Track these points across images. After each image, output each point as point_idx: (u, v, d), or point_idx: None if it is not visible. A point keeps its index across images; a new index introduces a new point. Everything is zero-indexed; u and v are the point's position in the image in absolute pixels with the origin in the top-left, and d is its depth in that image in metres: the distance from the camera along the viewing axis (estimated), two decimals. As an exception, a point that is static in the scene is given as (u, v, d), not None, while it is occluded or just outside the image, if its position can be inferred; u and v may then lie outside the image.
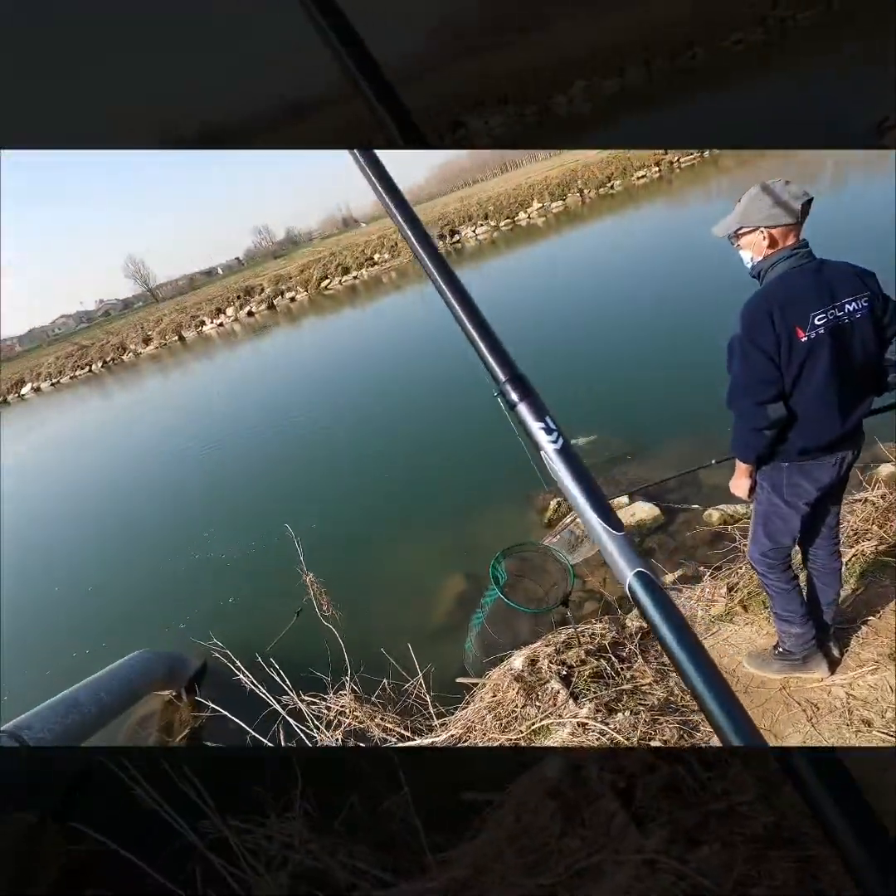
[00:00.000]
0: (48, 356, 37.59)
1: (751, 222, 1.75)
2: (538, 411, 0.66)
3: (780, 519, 1.93)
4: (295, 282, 30.80)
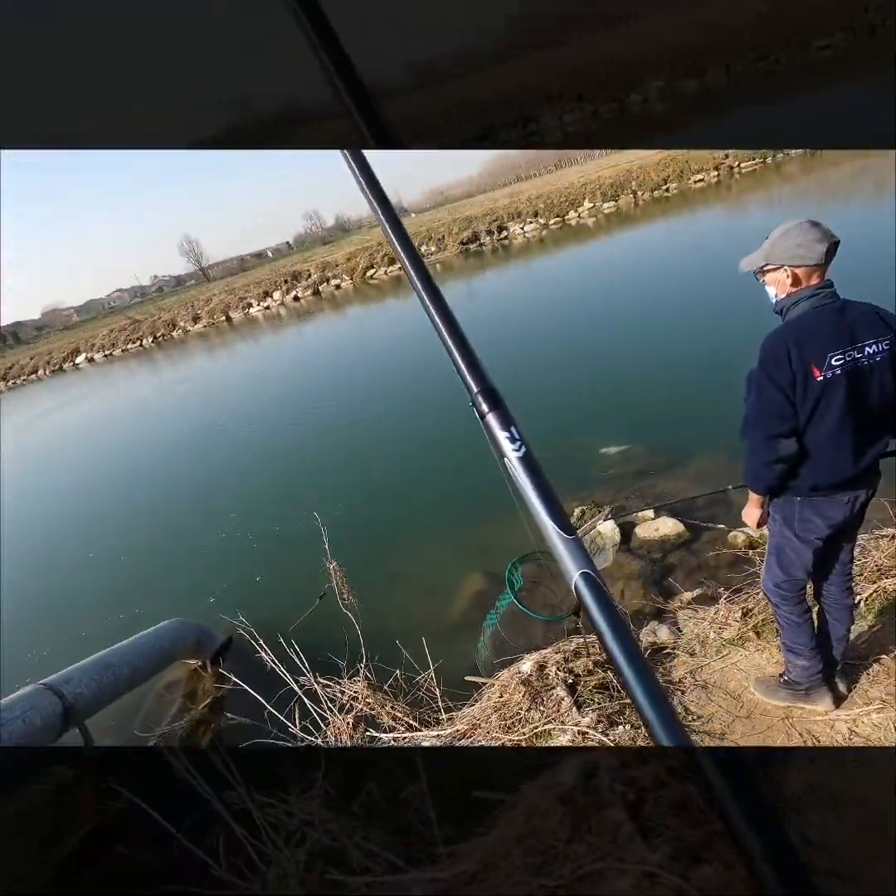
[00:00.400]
0: (103, 328, 39.13)
1: (776, 260, 1.77)
2: (504, 421, 0.71)
3: (793, 552, 1.96)
4: (341, 269, 31.19)
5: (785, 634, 2.16)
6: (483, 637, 3.48)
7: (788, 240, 1.75)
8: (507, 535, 5.05)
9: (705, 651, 2.78)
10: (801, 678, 2.16)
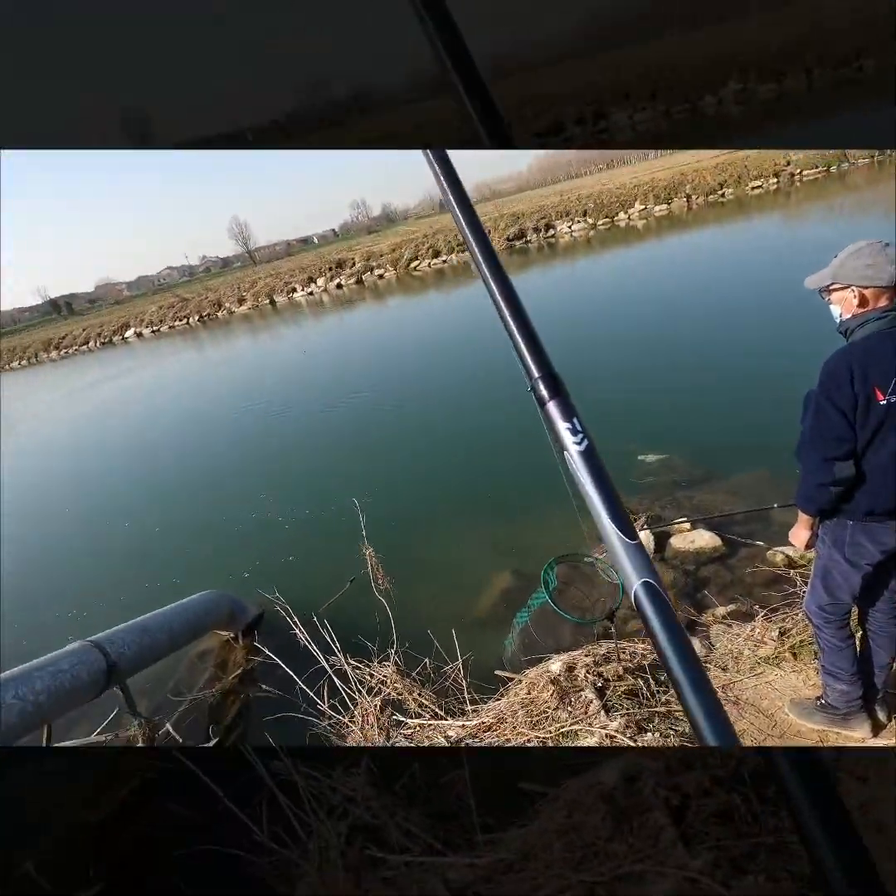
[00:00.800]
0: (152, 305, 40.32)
1: (843, 279, 1.75)
2: (567, 411, 0.65)
3: (840, 575, 1.93)
4: (385, 259, 31.39)
5: (825, 658, 2.13)
6: (512, 634, 3.51)
7: (858, 259, 1.72)
8: (542, 534, 5.06)
9: (738, 667, 2.76)
10: (839, 703, 2.13)
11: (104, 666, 3.31)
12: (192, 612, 4.33)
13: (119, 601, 5.56)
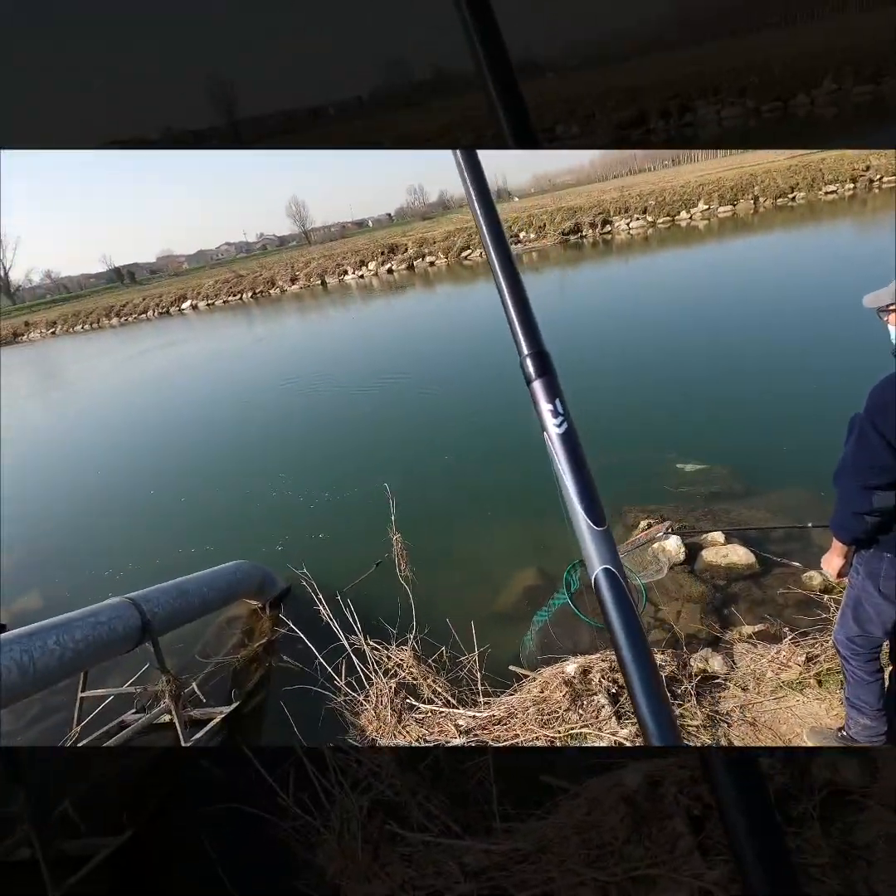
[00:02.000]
0: (209, 279, 41.43)
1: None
2: (551, 391, 0.65)
3: (872, 608, 1.86)
4: (437, 247, 31.34)
5: (850, 690, 2.06)
6: (531, 631, 3.52)
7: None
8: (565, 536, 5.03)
9: (759, 689, 2.70)
10: (860, 737, 2.06)
11: (139, 622, 3.48)
12: (224, 580, 4.49)
13: (154, 564, 5.81)
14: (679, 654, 3.09)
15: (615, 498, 5.39)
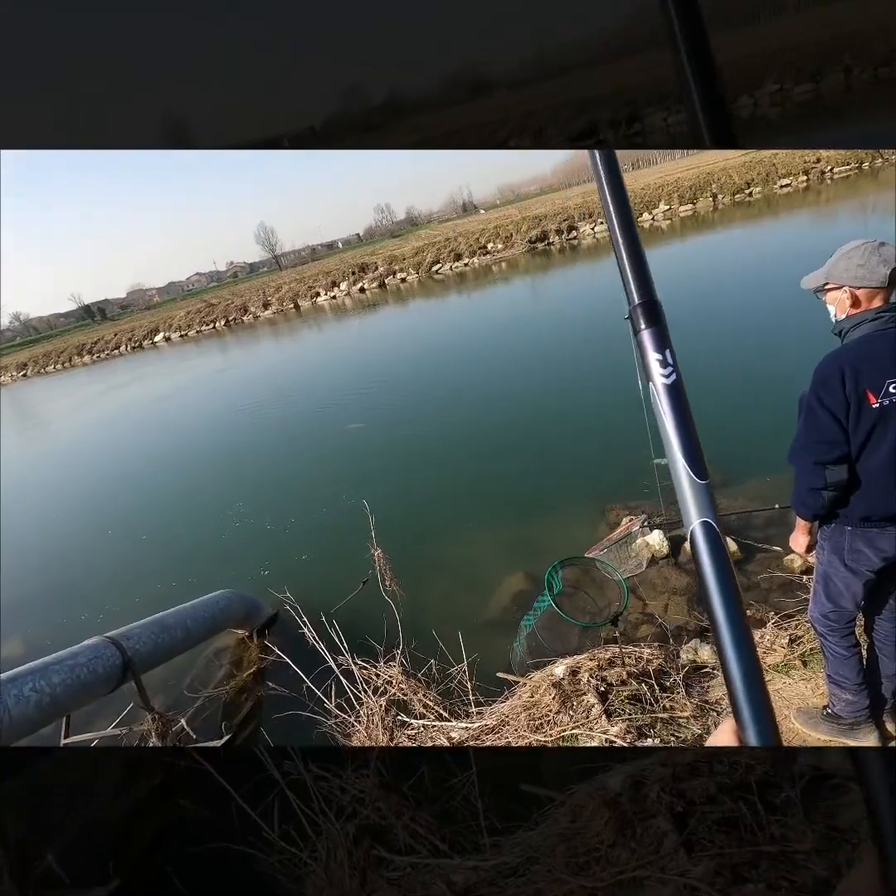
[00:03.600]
0: (181, 310, 41.23)
1: (837, 280, 1.72)
2: (660, 342, 0.63)
3: (841, 582, 1.88)
4: (408, 263, 31.57)
5: (830, 666, 2.08)
6: (519, 637, 3.50)
7: (850, 260, 1.69)
8: (550, 538, 5.04)
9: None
10: (845, 713, 2.08)
11: (120, 661, 3.40)
12: (208, 611, 4.41)
13: (134, 602, 5.66)
14: (666, 647, 3.09)
15: (597, 498, 5.43)
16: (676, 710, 2.50)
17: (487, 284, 23.84)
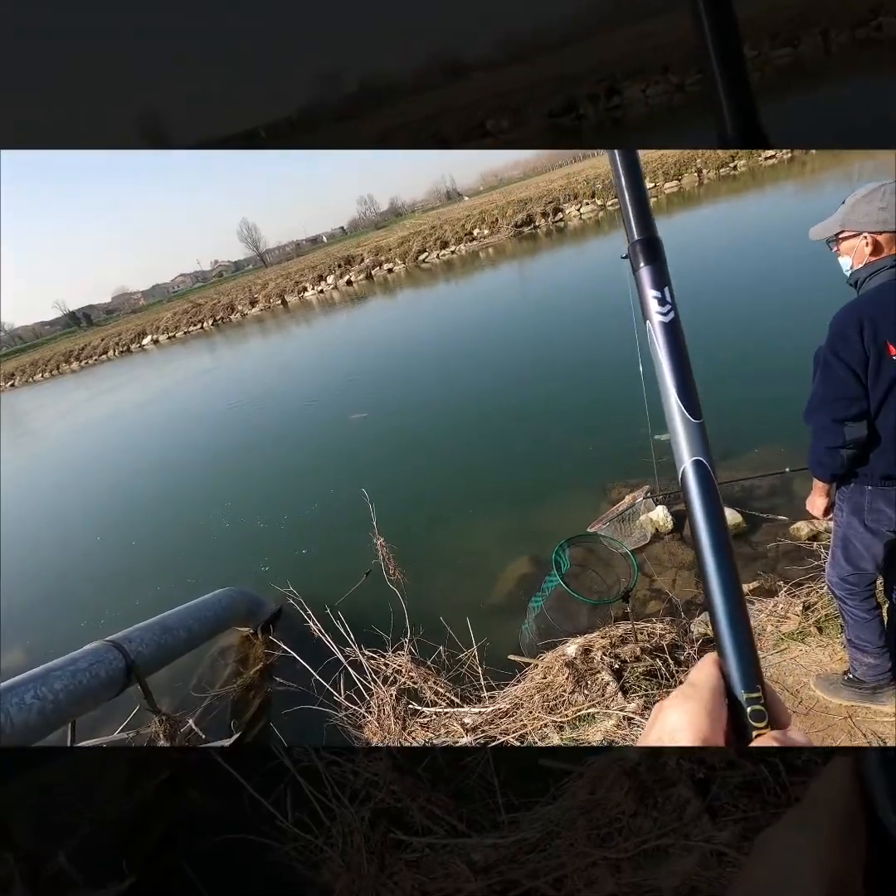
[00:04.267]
0: (167, 312, 40.84)
1: (854, 226, 1.63)
2: (659, 279, 0.61)
3: (861, 544, 1.83)
4: (394, 253, 31.29)
5: (850, 630, 2.03)
6: (528, 618, 3.45)
7: (871, 204, 1.60)
8: (554, 519, 4.99)
9: (761, 644, 2.66)
10: (867, 676, 2.03)
11: (123, 664, 3.33)
12: (210, 610, 4.35)
13: (134, 605, 5.58)
14: (678, 621, 3.05)
15: (598, 475, 5.38)
16: (693, 683, 2.45)
17: (475, 271, 23.66)
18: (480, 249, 27.68)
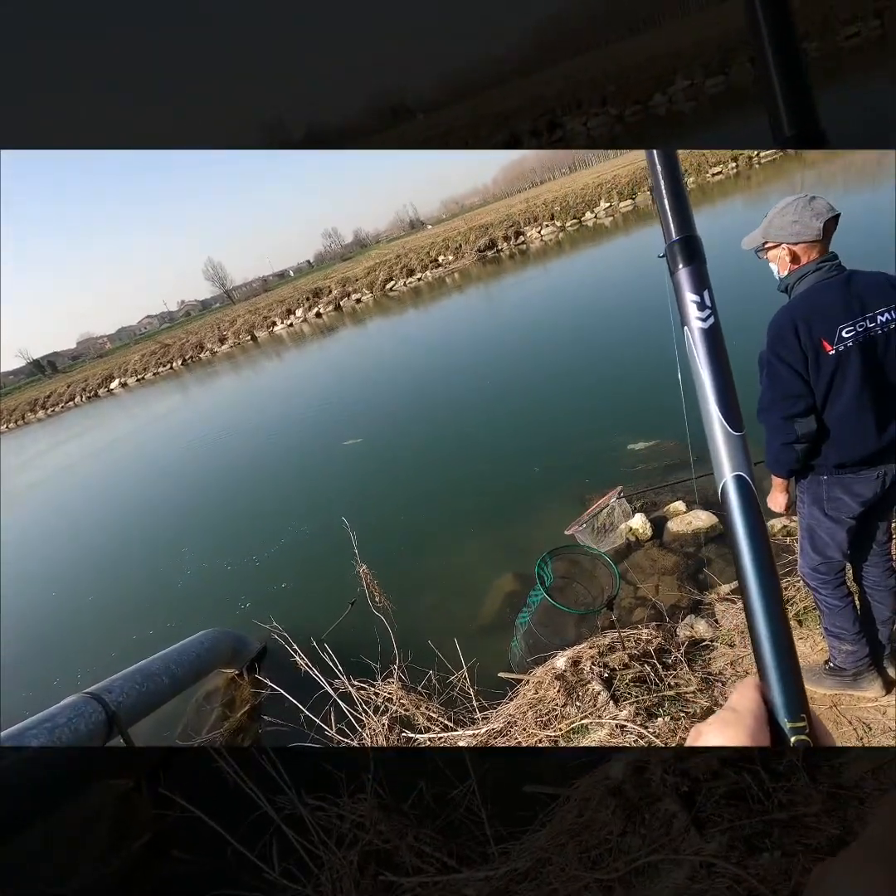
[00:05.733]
0: (135, 354, 40.39)
1: (774, 238, 1.76)
2: (698, 281, 0.57)
3: (825, 533, 1.90)
4: (361, 283, 31.60)
5: (826, 619, 2.08)
6: (516, 635, 3.45)
7: (784, 217, 1.73)
8: (535, 534, 5.01)
9: (745, 642, 2.70)
10: (847, 664, 2.08)
11: (103, 716, 3.22)
12: (192, 653, 4.24)
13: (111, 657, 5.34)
14: (664, 626, 3.08)
15: (574, 487, 5.44)
16: (682, 685, 2.47)
17: (442, 296, 24.01)
18: (447, 275, 28.13)
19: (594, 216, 27.62)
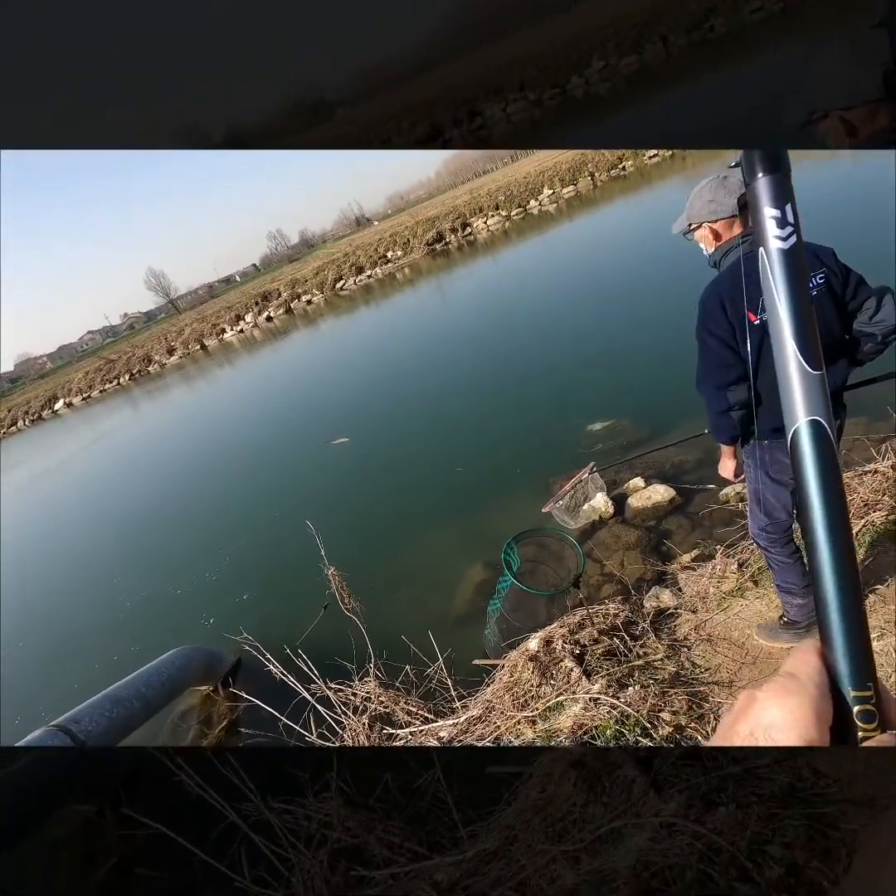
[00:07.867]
0: (78, 372, 38.76)
1: (696, 219, 1.84)
2: (779, 194, 0.48)
3: (771, 495, 1.99)
4: (310, 284, 31.12)
5: (777, 576, 2.19)
6: (490, 623, 3.49)
7: (701, 198, 1.82)
8: (502, 521, 5.06)
9: (707, 606, 2.81)
10: (799, 617, 2.19)
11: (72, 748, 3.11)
12: (164, 673, 4.13)
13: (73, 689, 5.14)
14: (629, 599, 3.17)
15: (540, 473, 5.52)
16: (650, 654, 2.55)
17: (393, 291, 23.87)
18: (396, 270, 27.98)
19: (539, 204, 27.91)
